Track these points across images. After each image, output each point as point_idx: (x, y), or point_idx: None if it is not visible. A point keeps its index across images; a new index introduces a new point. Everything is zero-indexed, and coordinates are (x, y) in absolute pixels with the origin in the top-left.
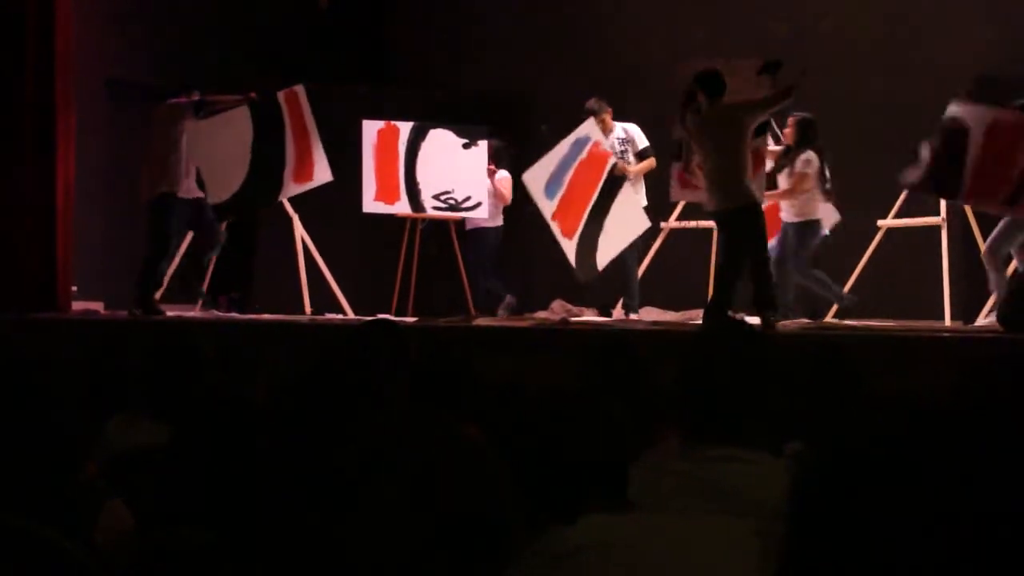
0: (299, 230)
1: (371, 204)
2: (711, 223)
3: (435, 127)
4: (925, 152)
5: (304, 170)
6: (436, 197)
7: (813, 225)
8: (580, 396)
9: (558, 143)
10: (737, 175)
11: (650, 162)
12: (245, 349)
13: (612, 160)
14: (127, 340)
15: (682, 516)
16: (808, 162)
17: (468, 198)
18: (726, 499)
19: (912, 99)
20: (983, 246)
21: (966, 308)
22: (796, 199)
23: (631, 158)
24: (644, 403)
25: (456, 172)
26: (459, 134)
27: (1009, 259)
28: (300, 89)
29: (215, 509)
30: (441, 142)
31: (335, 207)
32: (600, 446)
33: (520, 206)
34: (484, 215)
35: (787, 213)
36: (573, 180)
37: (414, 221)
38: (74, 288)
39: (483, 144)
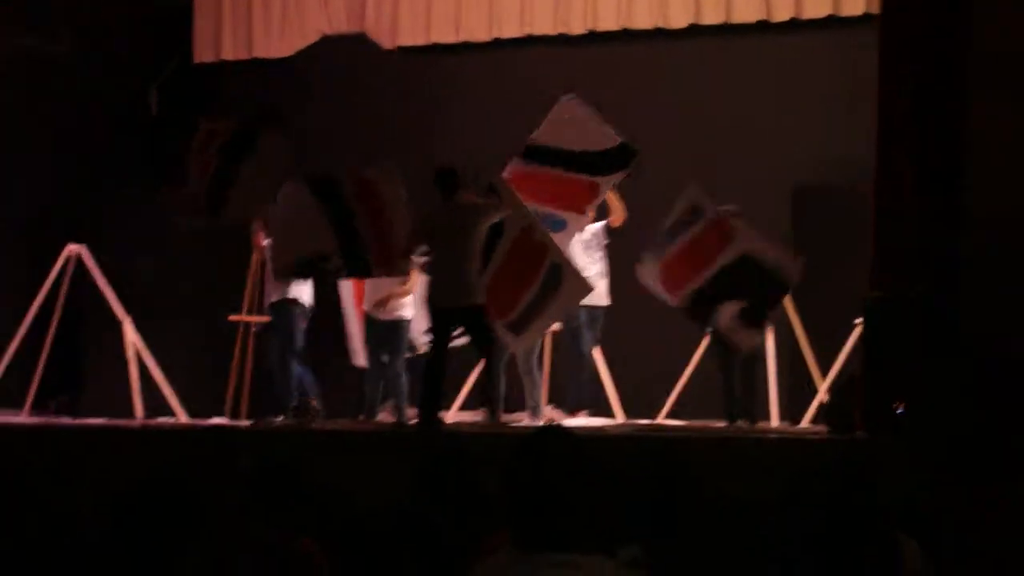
0: (130, 333)
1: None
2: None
3: None
4: None
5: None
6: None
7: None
8: (408, 510)
9: None
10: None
11: None
12: (72, 457)
13: None
14: None
15: None
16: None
17: None
18: None
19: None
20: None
21: (791, 408)
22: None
23: None
24: (473, 510)
25: None
26: None
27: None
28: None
29: None
30: None
31: (168, 308)
32: (430, 561)
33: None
34: None
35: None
36: None
37: (247, 323)
38: None
39: None
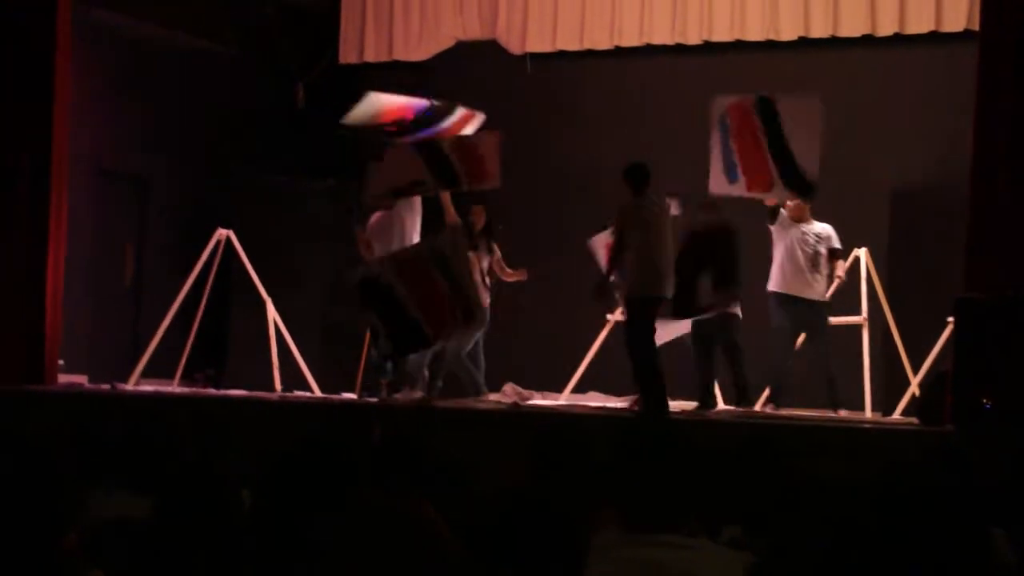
0: (271, 312)
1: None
2: None
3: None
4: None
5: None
6: None
7: None
8: (529, 486)
9: None
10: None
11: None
12: (219, 425)
13: None
14: (109, 413)
15: None
16: None
17: None
18: None
19: (834, 216)
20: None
21: (884, 400)
22: None
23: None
24: (586, 489)
25: None
26: None
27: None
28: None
29: None
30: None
31: (307, 291)
32: (549, 535)
33: None
34: None
35: None
36: None
37: None
38: (60, 361)
39: None
